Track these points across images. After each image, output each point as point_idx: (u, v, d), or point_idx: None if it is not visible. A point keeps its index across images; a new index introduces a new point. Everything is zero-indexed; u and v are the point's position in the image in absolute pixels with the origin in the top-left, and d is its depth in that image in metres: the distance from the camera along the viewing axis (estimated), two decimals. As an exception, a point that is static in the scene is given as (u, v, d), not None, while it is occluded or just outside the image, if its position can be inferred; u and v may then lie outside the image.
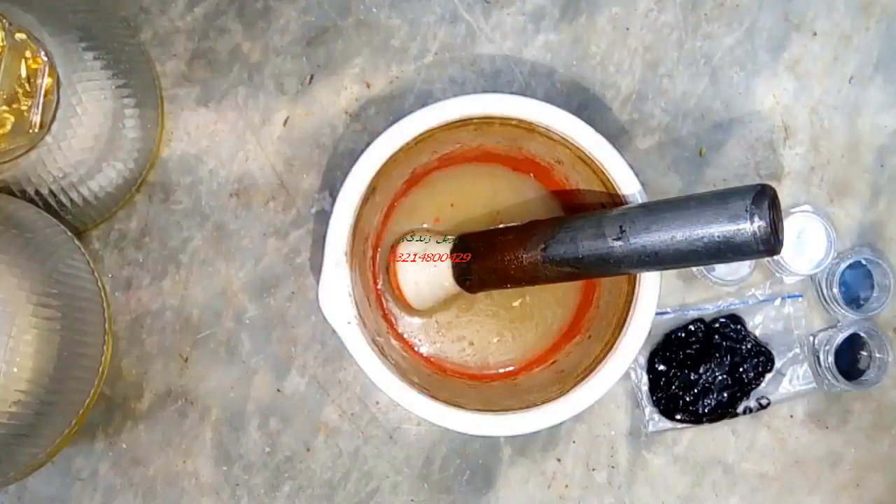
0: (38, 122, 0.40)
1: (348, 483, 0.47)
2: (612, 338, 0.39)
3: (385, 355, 0.39)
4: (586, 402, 0.38)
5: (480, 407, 0.39)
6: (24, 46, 0.39)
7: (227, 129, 0.48)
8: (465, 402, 0.39)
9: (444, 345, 0.45)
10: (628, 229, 0.35)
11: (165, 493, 0.47)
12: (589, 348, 0.41)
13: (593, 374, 0.39)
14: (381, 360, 0.38)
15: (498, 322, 0.45)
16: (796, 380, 0.48)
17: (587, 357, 0.40)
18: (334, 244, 0.39)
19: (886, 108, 0.49)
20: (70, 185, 0.43)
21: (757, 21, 0.48)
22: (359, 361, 0.38)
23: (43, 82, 0.40)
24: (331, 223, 0.39)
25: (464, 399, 0.39)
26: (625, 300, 0.40)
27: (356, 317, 0.39)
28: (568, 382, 0.39)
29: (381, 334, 0.41)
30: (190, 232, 0.48)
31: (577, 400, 0.38)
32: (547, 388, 0.40)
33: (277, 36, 0.48)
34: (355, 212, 0.39)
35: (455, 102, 0.39)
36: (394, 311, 0.45)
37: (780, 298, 0.48)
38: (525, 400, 0.39)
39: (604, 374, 0.39)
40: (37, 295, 0.39)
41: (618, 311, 0.40)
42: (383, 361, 0.38)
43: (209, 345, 0.47)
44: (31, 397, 0.39)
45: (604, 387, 0.38)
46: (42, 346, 0.39)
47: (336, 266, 0.39)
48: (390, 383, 0.38)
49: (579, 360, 0.41)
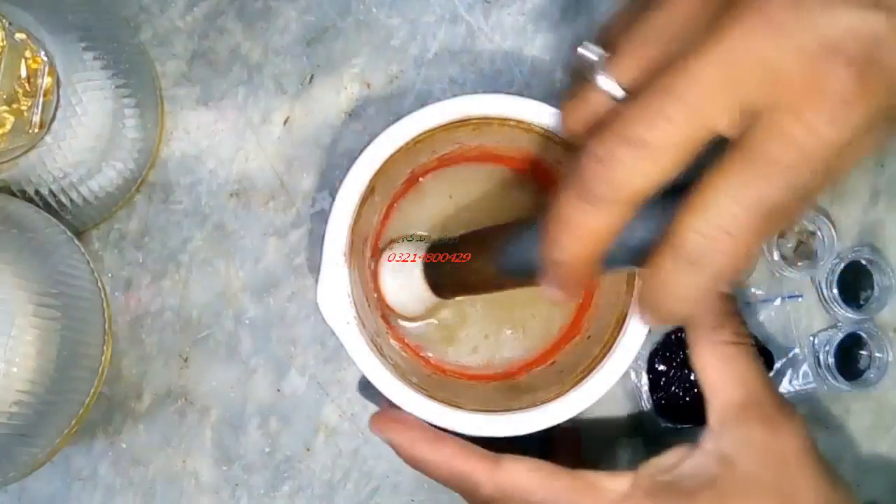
0: (38, 122, 0.40)
1: (348, 483, 0.47)
2: (612, 338, 0.39)
3: (384, 355, 0.39)
4: (585, 403, 0.38)
5: (479, 407, 0.39)
6: (24, 46, 0.39)
7: (226, 129, 0.48)
8: (464, 403, 0.39)
9: (442, 345, 0.45)
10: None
11: (165, 493, 0.47)
12: (588, 348, 0.41)
13: (592, 375, 0.38)
14: (380, 360, 0.38)
15: (497, 322, 0.45)
16: (796, 380, 0.48)
17: (586, 357, 0.40)
18: (333, 244, 0.39)
19: (886, 108, 0.49)
20: (70, 185, 0.43)
21: (757, 21, 0.48)
22: (357, 362, 0.38)
23: (43, 82, 0.40)
24: (329, 223, 0.39)
25: (463, 399, 0.39)
26: (623, 300, 0.40)
27: (355, 317, 0.39)
28: (567, 383, 0.39)
29: (379, 335, 0.41)
30: (190, 232, 0.48)
31: (576, 400, 0.38)
32: (546, 388, 0.40)
33: (277, 36, 0.48)
34: (354, 212, 0.39)
35: (454, 102, 0.39)
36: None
37: (780, 298, 0.48)
38: (524, 400, 0.39)
39: (602, 375, 0.38)
40: (37, 295, 0.39)
41: (616, 311, 0.40)
42: (382, 362, 0.38)
43: (209, 345, 0.47)
44: (31, 397, 0.39)
45: (603, 387, 0.38)
46: (42, 346, 0.39)
47: (335, 266, 0.39)
48: (388, 383, 0.38)
49: (578, 360, 0.41)
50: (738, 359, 0.37)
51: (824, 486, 0.35)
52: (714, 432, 0.36)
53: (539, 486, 0.35)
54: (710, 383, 0.37)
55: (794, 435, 0.36)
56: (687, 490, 0.35)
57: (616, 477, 0.36)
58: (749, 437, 0.35)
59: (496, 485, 0.35)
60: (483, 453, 0.36)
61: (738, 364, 0.37)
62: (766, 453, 0.35)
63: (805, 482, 0.35)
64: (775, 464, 0.35)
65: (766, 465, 0.35)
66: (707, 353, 0.37)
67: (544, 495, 0.35)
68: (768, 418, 0.36)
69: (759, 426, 0.36)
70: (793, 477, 0.35)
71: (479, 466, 0.36)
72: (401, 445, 0.38)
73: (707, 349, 0.37)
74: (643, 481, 0.35)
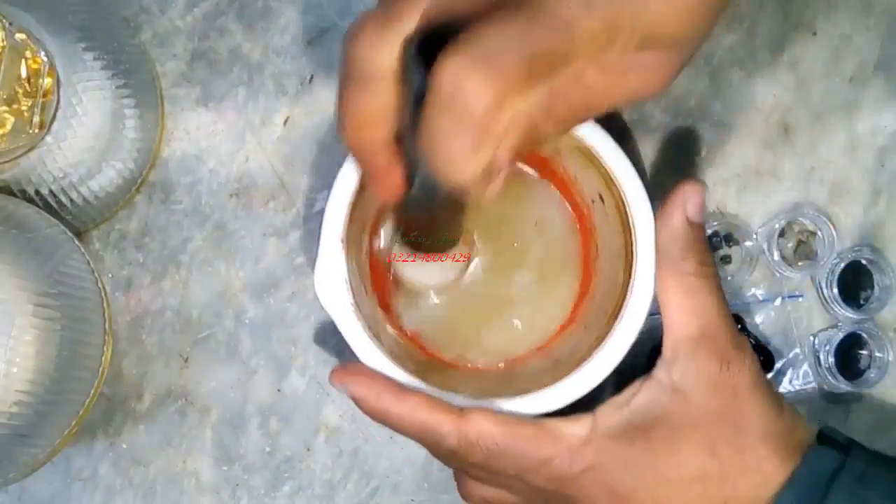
0: (38, 122, 0.40)
1: (348, 483, 0.47)
2: (607, 327, 0.39)
3: (380, 342, 0.39)
4: (580, 391, 0.38)
5: (474, 392, 0.39)
6: (24, 46, 0.39)
7: (227, 129, 0.48)
8: (459, 389, 0.39)
9: (439, 334, 0.45)
10: None
11: (165, 493, 0.47)
12: (584, 338, 0.41)
13: (587, 363, 0.39)
14: (377, 345, 0.38)
15: (496, 314, 0.45)
16: (796, 380, 0.48)
17: (582, 346, 0.40)
18: (331, 230, 0.39)
19: (886, 108, 0.49)
20: (70, 185, 0.43)
21: (757, 21, 0.48)
22: (353, 347, 0.38)
23: (43, 82, 0.40)
24: (327, 210, 0.39)
25: (457, 386, 0.39)
26: (620, 290, 0.40)
27: (352, 303, 0.39)
28: (561, 371, 0.39)
29: (376, 321, 0.41)
30: (190, 232, 0.48)
31: (571, 387, 0.38)
32: (541, 377, 0.40)
33: (277, 36, 0.48)
34: (352, 199, 0.39)
35: None
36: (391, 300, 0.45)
37: (780, 298, 0.48)
38: (518, 388, 0.39)
39: (597, 363, 0.38)
40: (37, 295, 0.39)
41: (613, 301, 0.40)
42: (378, 347, 0.38)
43: (209, 345, 0.47)
44: (31, 397, 0.39)
45: (598, 376, 0.38)
46: (42, 346, 0.39)
47: (332, 253, 0.39)
48: (385, 368, 0.38)
49: (574, 349, 0.41)
50: (699, 291, 0.37)
51: (772, 416, 0.36)
52: (667, 364, 0.37)
53: (502, 436, 0.36)
54: (669, 314, 0.37)
55: (745, 368, 0.36)
56: (642, 427, 0.36)
57: (576, 422, 0.36)
58: (701, 370, 0.36)
59: (461, 435, 0.36)
60: (448, 406, 0.37)
61: (698, 296, 0.37)
62: (717, 386, 0.36)
63: (753, 412, 0.36)
64: (725, 396, 0.36)
65: (716, 397, 0.36)
66: (670, 283, 0.38)
67: (507, 444, 0.36)
68: (721, 352, 0.36)
69: (712, 359, 0.36)
70: (741, 408, 0.36)
71: (443, 418, 0.36)
72: (364, 399, 0.37)
73: (670, 279, 0.38)
74: (601, 423, 0.36)
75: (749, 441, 0.36)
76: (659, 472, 0.36)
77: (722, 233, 0.48)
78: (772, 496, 0.35)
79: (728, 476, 0.35)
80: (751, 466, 0.35)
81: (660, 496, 0.36)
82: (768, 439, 0.36)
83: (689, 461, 0.36)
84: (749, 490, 0.35)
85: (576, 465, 0.36)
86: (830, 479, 0.35)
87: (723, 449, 0.36)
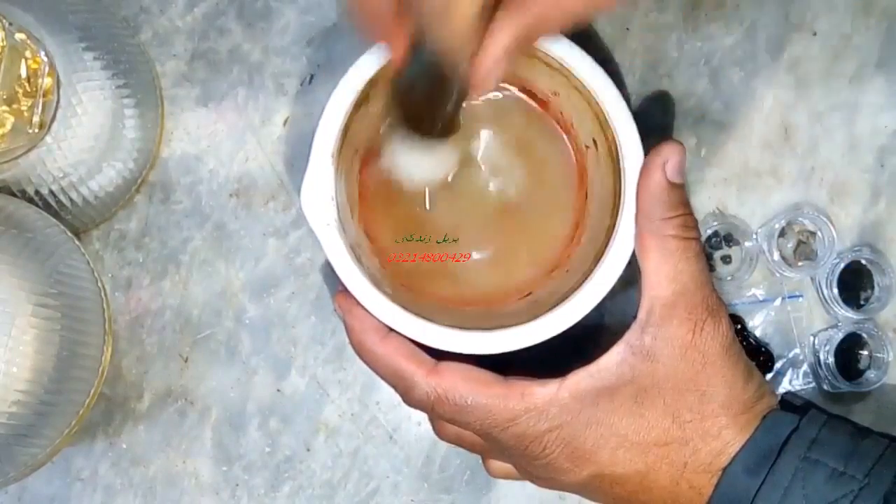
0: (38, 122, 0.40)
1: (348, 483, 0.47)
2: (589, 270, 0.39)
3: (361, 264, 0.39)
4: (556, 328, 0.38)
5: (451, 323, 0.39)
6: (24, 46, 0.39)
7: (227, 130, 0.48)
8: (436, 318, 0.39)
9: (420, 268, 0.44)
10: None
11: (165, 493, 0.47)
12: (566, 281, 0.41)
13: (566, 303, 0.38)
14: (358, 266, 0.38)
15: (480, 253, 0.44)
16: (796, 380, 0.48)
17: (563, 288, 0.40)
18: (322, 145, 0.39)
19: (886, 108, 0.49)
20: (70, 185, 0.43)
21: (757, 21, 0.48)
22: (334, 264, 0.38)
23: (43, 82, 0.40)
24: (320, 123, 0.39)
25: (436, 316, 0.39)
26: (606, 233, 0.39)
27: (336, 220, 0.39)
28: (540, 309, 0.39)
29: (360, 245, 0.41)
30: (190, 232, 0.48)
31: (549, 323, 0.38)
32: (518, 315, 0.40)
33: (277, 36, 0.48)
34: (346, 115, 0.39)
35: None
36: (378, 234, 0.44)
37: (780, 298, 0.48)
38: (495, 323, 0.39)
39: (578, 301, 0.38)
40: (37, 295, 0.39)
41: (597, 245, 0.40)
42: (360, 268, 0.38)
43: (209, 345, 0.47)
44: (31, 397, 0.39)
45: (576, 314, 0.38)
46: (42, 346, 0.39)
47: (322, 166, 0.39)
48: (363, 289, 0.38)
49: (555, 291, 0.41)
50: (677, 254, 0.37)
51: (738, 384, 0.37)
52: (640, 327, 0.37)
53: (471, 393, 0.37)
54: (646, 276, 0.37)
55: (717, 335, 0.37)
56: (610, 386, 0.36)
57: (545, 384, 0.37)
58: (672, 335, 0.36)
59: (431, 386, 0.37)
60: (424, 357, 0.38)
61: (676, 259, 0.37)
62: (687, 352, 0.36)
63: (720, 380, 0.36)
64: (694, 362, 0.36)
65: (684, 363, 0.36)
66: (649, 244, 0.38)
67: (475, 401, 0.37)
68: (695, 318, 0.37)
69: (684, 325, 0.36)
70: (708, 375, 0.36)
71: (417, 368, 0.38)
72: (353, 330, 0.39)
73: (650, 241, 0.38)
74: (569, 384, 0.37)
75: (712, 408, 0.36)
76: (621, 434, 0.36)
77: (722, 233, 0.48)
78: (728, 461, 0.36)
79: (689, 441, 0.36)
80: (711, 433, 0.36)
81: (619, 458, 0.36)
82: (732, 406, 0.36)
83: (652, 425, 0.36)
84: (708, 456, 0.36)
85: (540, 424, 0.36)
86: (784, 443, 0.35)
87: (686, 415, 0.36)
